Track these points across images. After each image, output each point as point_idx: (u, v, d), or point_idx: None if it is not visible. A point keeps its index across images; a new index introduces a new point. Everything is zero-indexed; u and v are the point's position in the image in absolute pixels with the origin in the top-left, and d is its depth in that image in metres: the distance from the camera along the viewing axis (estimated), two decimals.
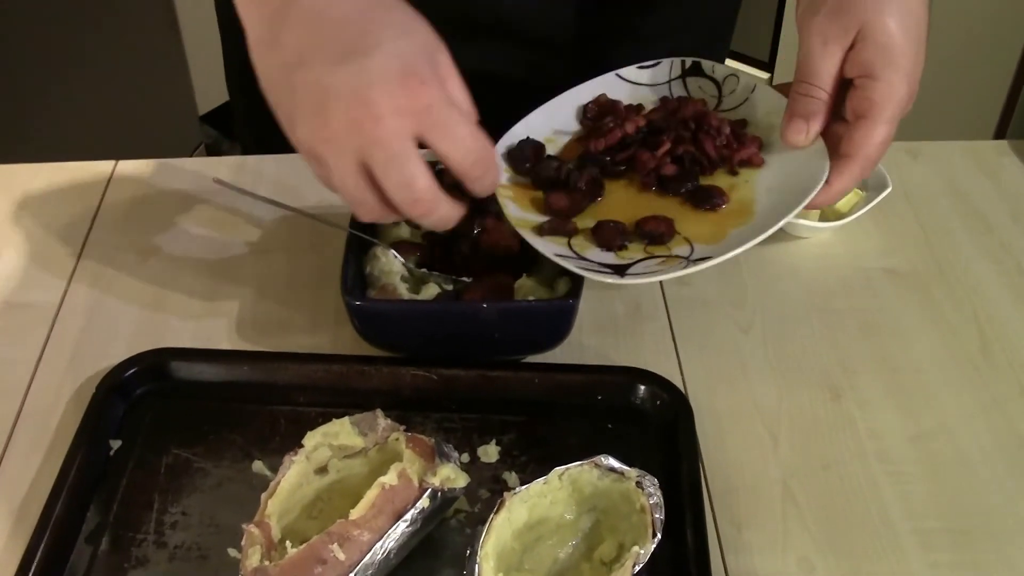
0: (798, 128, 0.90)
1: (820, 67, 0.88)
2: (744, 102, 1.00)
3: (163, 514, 0.84)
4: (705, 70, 1.03)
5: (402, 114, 0.75)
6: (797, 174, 0.90)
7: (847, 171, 0.87)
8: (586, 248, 0.88)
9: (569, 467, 0.80)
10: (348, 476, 0.82)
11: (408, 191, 0.77)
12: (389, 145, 0.75)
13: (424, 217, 0.80)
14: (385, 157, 0.76)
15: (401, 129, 0.75)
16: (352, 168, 0.76)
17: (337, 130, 0.75)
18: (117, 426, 0.90)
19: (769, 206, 0.89)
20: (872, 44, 0.85)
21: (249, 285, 1.04)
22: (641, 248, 0.88)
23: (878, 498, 0.86)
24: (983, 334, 0.99)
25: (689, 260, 0.86)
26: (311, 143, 0.77)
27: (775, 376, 0.95)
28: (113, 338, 0.99)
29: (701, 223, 0.90)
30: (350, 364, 0.93)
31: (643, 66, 1.04)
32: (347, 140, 0.75)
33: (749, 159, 0.94)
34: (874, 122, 0.86)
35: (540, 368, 0.93)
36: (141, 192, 1.16)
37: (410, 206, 0.78)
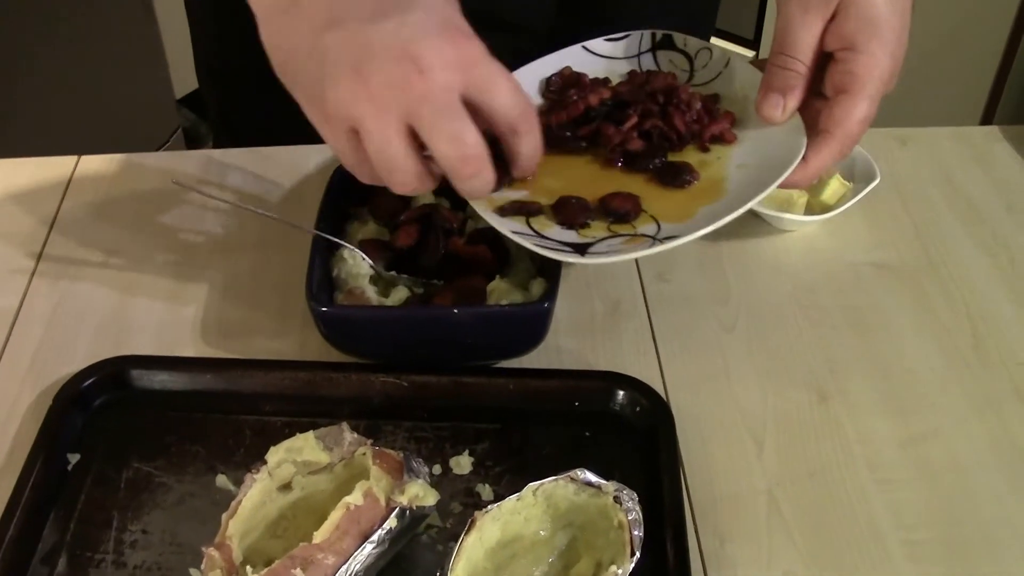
0: (774, 102, 0.86)
1: (799, 38, 0.84)
2: (717, 76, 0.96)
3: (123, 532, 0.81)
4: (676, 43, 0.99)
5: (450, 68, 0.71)
6: (772, 151, 0.86)
7: (825, 148, 0.83)
8: (547, 227, 0.84)
9: (544, 482, 0.76)
10: (313, 493, 0.79)
11: (459, 147, 0.73)
12: (438, 99, 0.71)
13: (472, 178, 0.75)
14: (433, 113, 0.71)
15: (449, 83, 0.71)
16: (396, 128, 0.72)
17: (379, 87, 0.71)
18: (75, 439, 0.87)
19: (742, 184, 0.85)
20: (855, 15, 0.82)
21: (214, 286, 1.00)
22: (604, 227, 0.84)
23: (867, 507, 0.82)
24: (976, 331, 0.96)
25: (655, 239, 0.81)
26: (348, 106, 0.72)
27: (759, 378, 0.92)
28: (73, 344, 0.95)
29: (668, 201, 0.86)
30: (317, 371, 0.90)
31: (611, 38, 1.00)
32: (391, 97, 0.71)
33: (721, 135, 0.90)
34: (856, 97, 0.82)
35: (515, 374, 0.90)
36: (105, 188, 1.12)
37: (460, 164, 0.74)
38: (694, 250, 1.03)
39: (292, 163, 1.13)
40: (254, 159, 1.14)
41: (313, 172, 1.11)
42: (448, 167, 0.74)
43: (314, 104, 0.74)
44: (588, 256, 0.81)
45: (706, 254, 1.03)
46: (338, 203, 0.95)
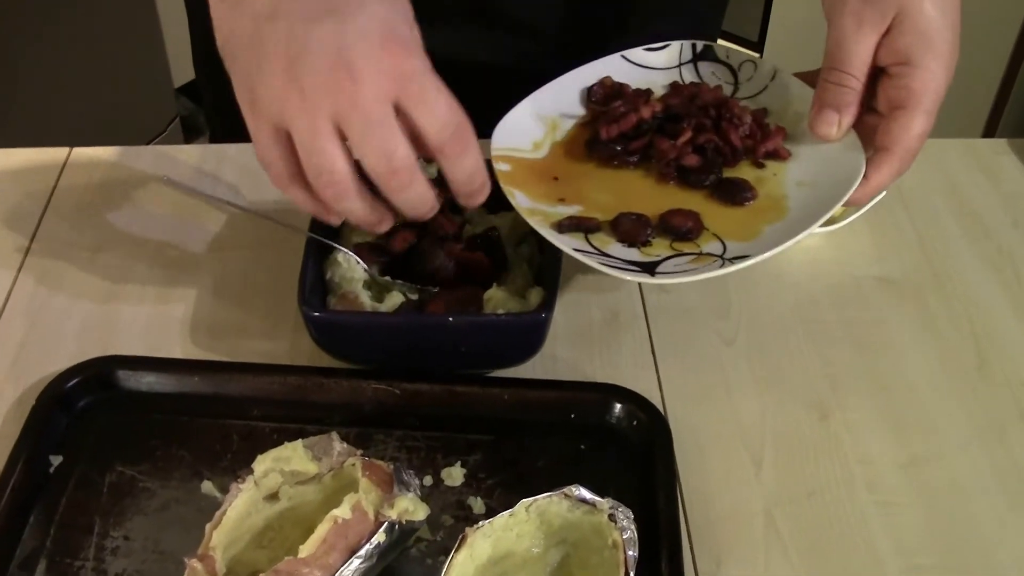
0: (829, 119, 0.85)
1: (854, 53, 0.83)
2: (763, 90, 0.95)
3: (104, 538, 0.79)
4: (719, 55, 0.97)
5: (383, 78, 0.70)
6: (830, 168, 0.85)
7: (885, 165, 0.82)
8: (607, 244, 0.82)
9: (537, 499, 0.74)
10: (301, 504, 0.77)
11: (387, 160, 0.71)
12: (369, 108, 0.70)
13: (399, 192, 0.74)
14: (363, 122, 0.70)
15: (381, 93, 0.70)
16: (325, 129, 0.70)
17: (311, 88, 0.69)
18: (58, 440, 0.85)
19: (802, 202, 0.84)
20: (911, 29, 0.81)
21: (204, 285, 0.98)
22: (667, 244, 0.82)
23: (866, 530, 0.80)
24: (980, 350, 0.94)
25: (725, 259, 0.80)
26: (277, 103, 0.70)
27: (759, 393, 0.90)
28: (59, 342, 0.93)
29: (729, 218, 0.84)
30: (308, 376, 0.88)
31: (651, 48, 0.98)
32: (322, 100, 0.69)
33: (776, 151, 0.88)
34: (913, 113, 0.81)
35: (510, 383, 0.88)
36: (96, 182, 1.10)
37: (388, 177, 0.72)
38: None
39: None
40: (249, 154, 1.11)
41: None
42: (377, 179, 0.73)
43: (245, 90, 0.73)
44: (657, 276, 0.79)
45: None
46: None
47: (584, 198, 0.86)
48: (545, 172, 0.89)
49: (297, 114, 0.70)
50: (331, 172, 0.72)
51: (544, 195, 0.86)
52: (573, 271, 0.98)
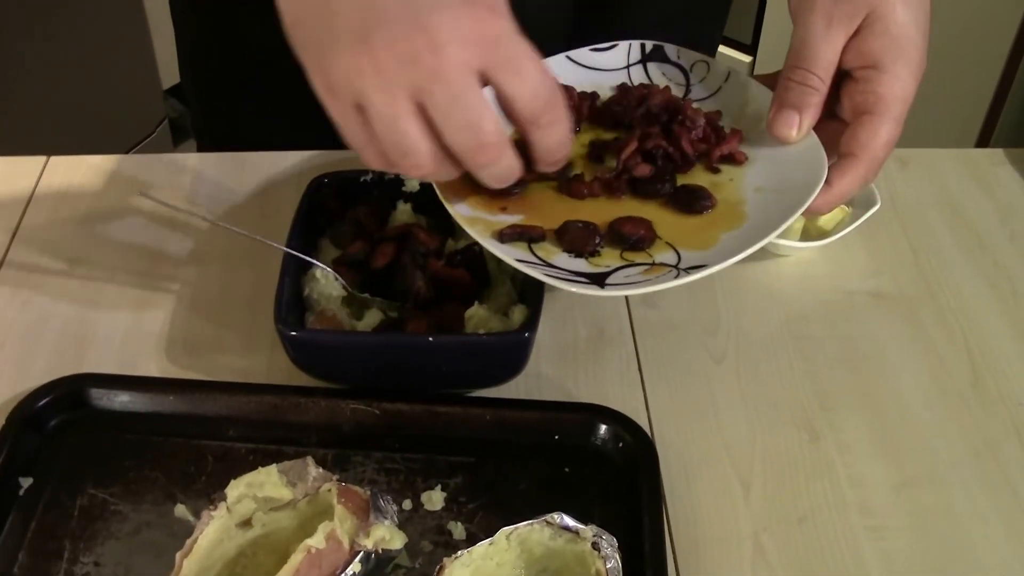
0: (788, 120, 0.81)
1: (820, 53, 0.80)
2: (717, 91, 0.91)
3: (73, 564, 0.76)
4: (669, 55, 0.94)
5: (467, 44, 0.64)
6: (790, 173, 0.81)
7: (851, 172, 0.79)
8: (552, 254, 0.78)
9: (518, 527, 0.72)
10: (275, 531, 0.75)
11: (474, 134, 0.67)
12: (452, 79, 0.64)
13: (488, 166, 0.69)
14: (446, 95, 0.65)
15: (466, 61, 0.65)
16: (404, 107, 0.65)
17: (387, 60, 0.64)
18: (28, 462, 0.82)
19: (762, 208, 0.80)
20: (882, 32, 0.78)
21: (181, 300, 0.96)
22: (616, 255, 0.78)
23: (857, 556, 0.78)
24: (975, 367, 0.92)
25: (680, 269, 0.76)
26: (352, 79, 0.65)
27: (748, 413, 0.88)
28: (31, 359, 0.91)
29: (683, 226, 0.80)
30: (285, 396, 0.86)
31: (597, 48, 0.94)
32: (399, 72, 0.64)
33: (731, 155, 0.84)
34: (881, 119, 0.78)
35: (492, 404, 0.85)
36: (73, 192, 1.07)
37: (475, 153, 0.68)
38: None
39: (269, 169, 1.09)
40: (230, 164, 1.10)
41: (290, 180, 1.07)
42: (462, 155, 0.68)
43: (318, 73, 0.67)
44: (608, 288, 0.75)
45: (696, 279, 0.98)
46: (312, 218, 0.91)
47: (528, 207, 0.81)
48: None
49: (373, 90, 0.65)
50: (414, 154, 0.67)
51: (484, 203, 0.81)
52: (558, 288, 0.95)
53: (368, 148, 0.69)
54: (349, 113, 0.67)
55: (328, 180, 0.93)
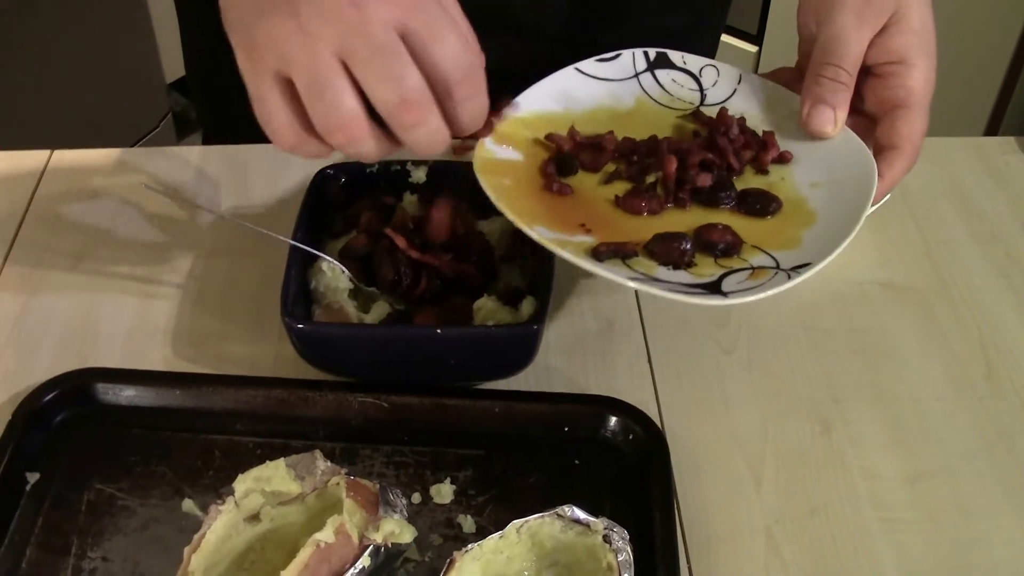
0: (825, 116, 0.84)
1: (851, 49, 0.82)
2: (733, 94, 0.92)
3: (81, 559, 0.76)
4: (674, 61, 0.94)
5: (390, 4, 0.65)
6: (839, 166, 0.83)
7: (898, 162, 0.82)
8: (651, 268, 0.77)
9: (528, 520, 0.71)
10: (283, 525, 0.74)
11: (397, 88, 0.67)
12: (373, 35, 0.65)
13: (415, 127, 0.69)
14: (369, 48, 0.65)
15: (387, 18, 0.65)
16: (328, 61, 0.65)
17: (313, 20, 0.65)
18: (35, 457, 0.82)
19: (826, 202, 0.82)
20: (908, 28, 0.81)
21: (187, 293, 0.95)
22: (711, 263, 0.78)
23: (870, 549, 0.78)
24: (988, 358, 0.91)
25: (784, 270, 0.76)
26: (277, 43, 0.66)
27: (759, 405, 0.87)
28: (37, 354, 0.90)
29: (759, 229, 0.81)
30: (292, 389, 0.85)
31: (603, 59, 0.94)
32: (327, 31, 0.65)
33: (781, 156, 0.86)
34: (916, 110, 0.82)
35: (501, 396, 0.85)
36: (77, 186, 1.07)
37: (399, 109, 0.67)
38: None
39: (274, 162, 1.08)
40: (235, 158, 1.09)
41: (295, 173, 1.06)
42: (387, 113, 0.68)
43: (243, 50, 0.69)
44: (731, 297, 0.74)
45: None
46: (318, 210, 0.90)
47: (602, 225, 0.81)
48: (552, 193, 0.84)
49: (298, 51, 0.66)
50: (339, 110, 0.67)
51: (561, 223, 0.80)
52: (566, 279, 0.95)
53: (291, 123, 0.69)
54: (265, 81, 0.68)
55: (333, 172, 0.93)
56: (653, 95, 0.93)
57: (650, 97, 0.93)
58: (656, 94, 0.93)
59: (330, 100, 0.67)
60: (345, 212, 0.91)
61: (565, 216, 0.81)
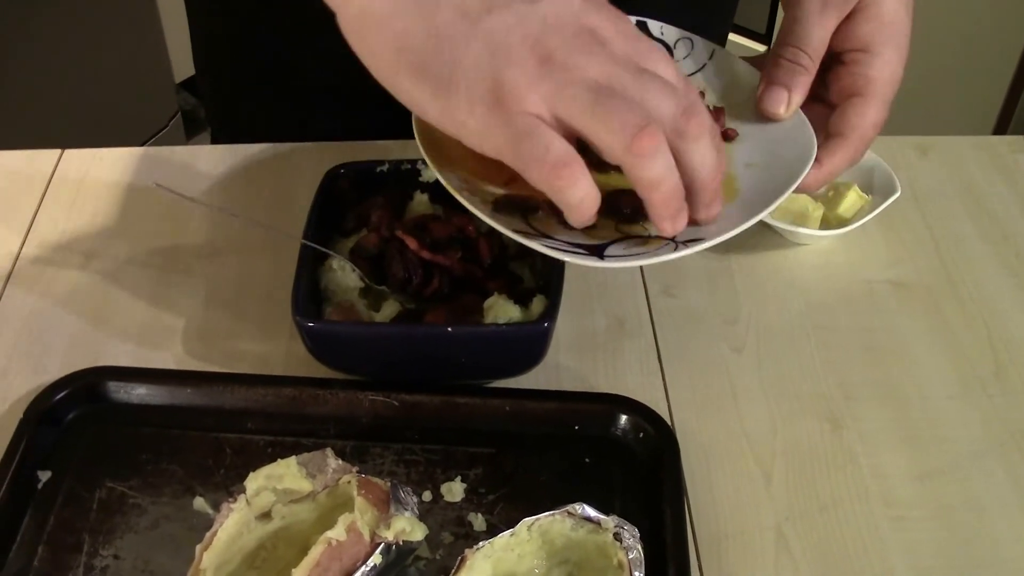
0: (778, 97, 0.81)
1: (813, 33, 0.80)
2: (701, 68, 0.90)
3: (93, 557, 0.76)
4: (652, 31, 0.92)
5: (624, 37, 0.68)
6: (780, 150, 0.81)
7: (840, 151, 0.80)
8: (548, 226, 0.75)
9: (539, 518, 0.72)
10: (294, 523, 0.74)
11: (673, 95, 0.67)
12: (630, 61, 0.67)
13: (695, 131, 0.68)
14: (633, 71, 0.66)
15: (630, 51, 0.68)
16: (598, 89, 0.65)
17: (568, 59, 0.65)
18: (46, 455, 0.82)
19: (753, 184, 0.79)
20: (875, 16, 0.79)
21: (198, 291, 0.96)
22: (612, 226, 0.76)
23: (881, 547, 0.78)
24: (997, 356, 0.91)
25: (677, 242, 0.74)
26: (538, 85, 0.65)
27: (769, 403, 0.87)
28: (48, 352, 0.91)
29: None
30: (303, 388, 0.85)
31: None
32: (585, 63, 0.65)
33: (725, 133, 0.83)
34: (870, 100, 0.79)
35: (511, 394, 0.85)
36: (88, 185, 1.07)
37: (685, 118, 0.67)
38: (702, 263, 0.98)
39: (284, 161, 1.09)
40: (246, 156, 1.10)
41: (306, 171, 1.06)
42: (677, 124, 0.67)
43: (484, 94, 0.66)
44: (607, 260, 0.73)
45: (715, 268, 0.98)
46: (328, 209, 0.90)
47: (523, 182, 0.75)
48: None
49: (564, 85, 0.65)
50: (626, 125, 0.65)
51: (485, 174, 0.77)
52: (577, 276, 0.95)
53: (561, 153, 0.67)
54: (528, 123, 0.66)
55: (344, 171, 0.93)
56: None
57: None
58: None
59: (617, 114, 0.66)
60: (356, 210, 0.91)
61: (494, 166, 0.75)
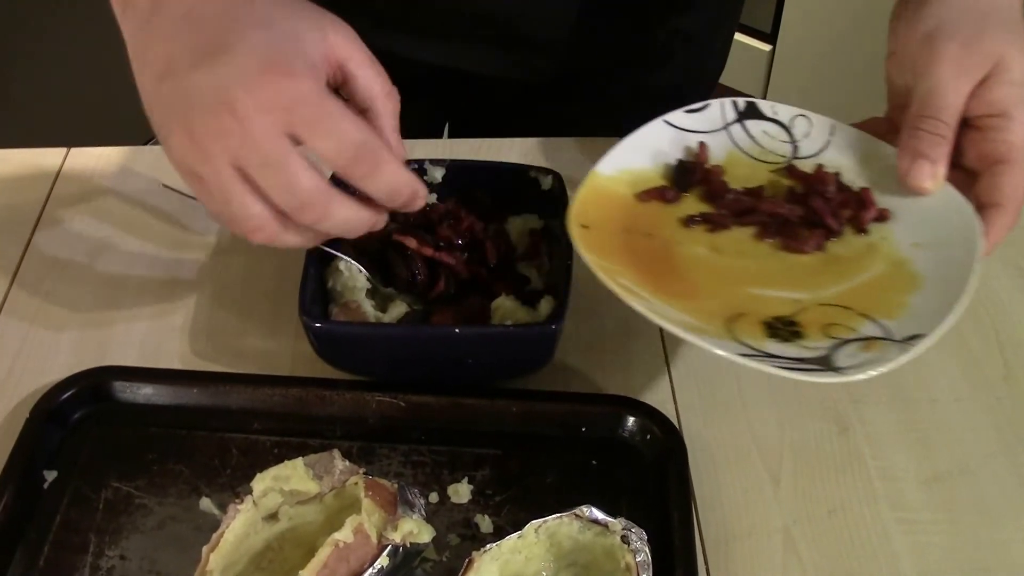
0: (925, 171, 0.81)
1: (950, 102, 0.79)
2: (826, 146, 0.90)
3: (99, 558, 0.76)
4: (764, 111, 0.92)
5: (268, 110, 0.67)
6: (941, 224, 0.81)
7: (1000, 221, 0.79)
8: (759, 340, 0.75)
9: (547, 520, 0.72)
10: (301, 524, 0.74)
11: (292, 195, 0.69)
12: (260, 146, 0.67)
13: (320, 222, 0.71)
14: (259, 161, 0.68)
15: (270, 127, 0.67)
16: (227, 174, 0.69)
17: (204, 138, 0.68)
18: (52, 455, 0.82)
19: (933, 265, 0.79)
20: (1009, 80, 0.78)
21: (204, 290, 0.95)
22: (819, 331, 0.76)
23: (889, 550, 0.77)
24: (1006, 359, 0.91)
25: (896, 341, 0.74)
26: (184, 160, 0.70)
27: (776, 405, 0.87)
28: (54, 352, 0.90)
29: (862, 294, 0.79)
30: (309, 388, 0.85)
31: (691, 109, 0.92)
32: (216, 147, 0.68)
33: (880, 214, 0.84)
34: (1017, 165, 0.78)
35: (518, 396, 0.85)
36: (94, 184, 1.07)
37: (300, 211, 0.70)
38: None
39: None
40: None
41: None
42: (292, 215, 0.71)
43: (168, 155, 0.72)
44: (848, 373, 0.72)
45: None
46: None
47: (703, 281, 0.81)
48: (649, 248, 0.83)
49: (200, 164, 0.69)
50: (249, 217, 0.70)
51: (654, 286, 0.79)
52: (584, 279, 0.94)
53: (220, 215, 0.72)
54: (195, 186, 0.72)
55: None
56: (744, 148, 0.91)
57: (741, 150, 0.91)
58: (747, 146, 0.92)
59: (239, 208, 0.70)
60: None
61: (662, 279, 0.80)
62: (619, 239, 0.82)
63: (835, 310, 0.78)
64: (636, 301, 0.75)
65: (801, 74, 2.62)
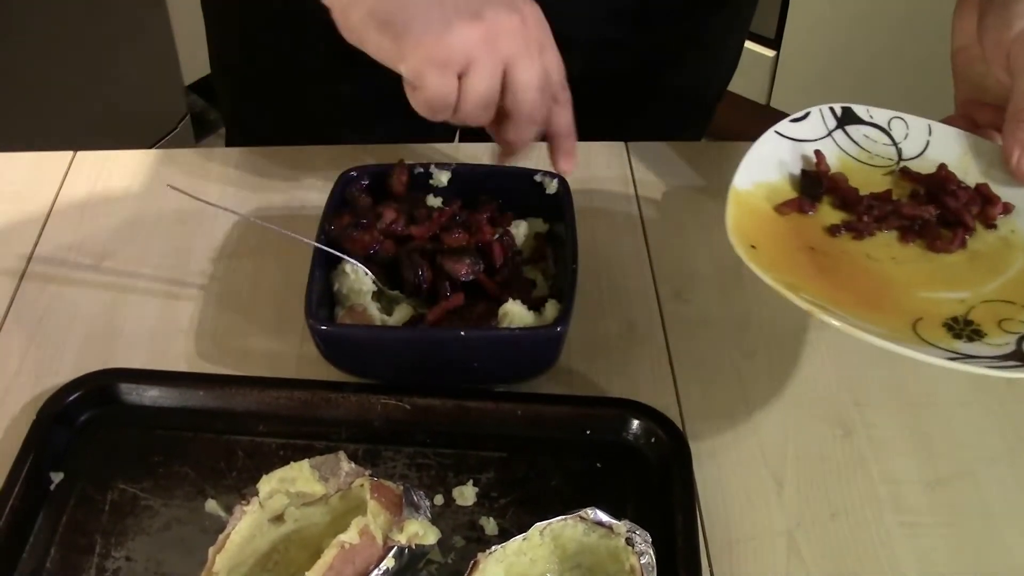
0: None
1: None
2: (927, 147, 0.92)
3: (105, 559, 0.76)
4: (860, 115, 0.94)
5: (541, 25, 0.83)
6: None
7: None
8: (949, 342, 0.77)
9: (551, 522, 0.72)
10: (307, 526, 0.75)
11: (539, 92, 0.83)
12: (531, 51, 0.81)
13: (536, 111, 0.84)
14: (526, 64, 0.81)
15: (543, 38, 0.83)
16: (499, 68, 0.80)
17: (498, 33, 0.79)
18: (59, 457, 0.82)
19: None
20: None
21: (210, 294, 0.96)
22: (995, 327, 0.78)
23: (892, 554, 0.78)
24: None
25: None
26: (470, 47, 0.78)
27: (780, 409, 0.87)
28: (60, 354, 0.91)
29: (1020, 287, 0.82)
30: (315, 391, 0.85)
31: (795, 119, 0.93)
32: (504, 42, 0.79)
33: (1005, 207, 0.88)
34: None
35: (523, 399, 0.85)
36: (100, 187, 1.07)
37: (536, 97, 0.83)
38: (714, 268, 0.98)
39: (297, 164, 1.09)
40: (258, 159, 1.10)
41: (319, 174, 1.06)
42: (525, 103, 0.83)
43: (420, 47, 0.77)
44: None
45: (727, 273, 0.98)
46: (341, 213, 0.90)
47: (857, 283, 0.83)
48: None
49: (484, 54, 0.79)
50: (492, 105, 0.82)
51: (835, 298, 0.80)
52: (589, 282, 0.95)
53: (444, 105, 0.80)
54: (449, 77, 0.78)
55: (357, 174, 0.93)
56: (851, 153, 0.93)
57: (849, 156, 0.93)
58: (854, 152, 0.93)
59: (489, 99, 0.81)
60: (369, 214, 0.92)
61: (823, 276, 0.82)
62: (785, 255, 0.83)
63: (1000, 305, 0.80)
64: (831, 317, 0.74)
65: (805, 80, 2.62)
